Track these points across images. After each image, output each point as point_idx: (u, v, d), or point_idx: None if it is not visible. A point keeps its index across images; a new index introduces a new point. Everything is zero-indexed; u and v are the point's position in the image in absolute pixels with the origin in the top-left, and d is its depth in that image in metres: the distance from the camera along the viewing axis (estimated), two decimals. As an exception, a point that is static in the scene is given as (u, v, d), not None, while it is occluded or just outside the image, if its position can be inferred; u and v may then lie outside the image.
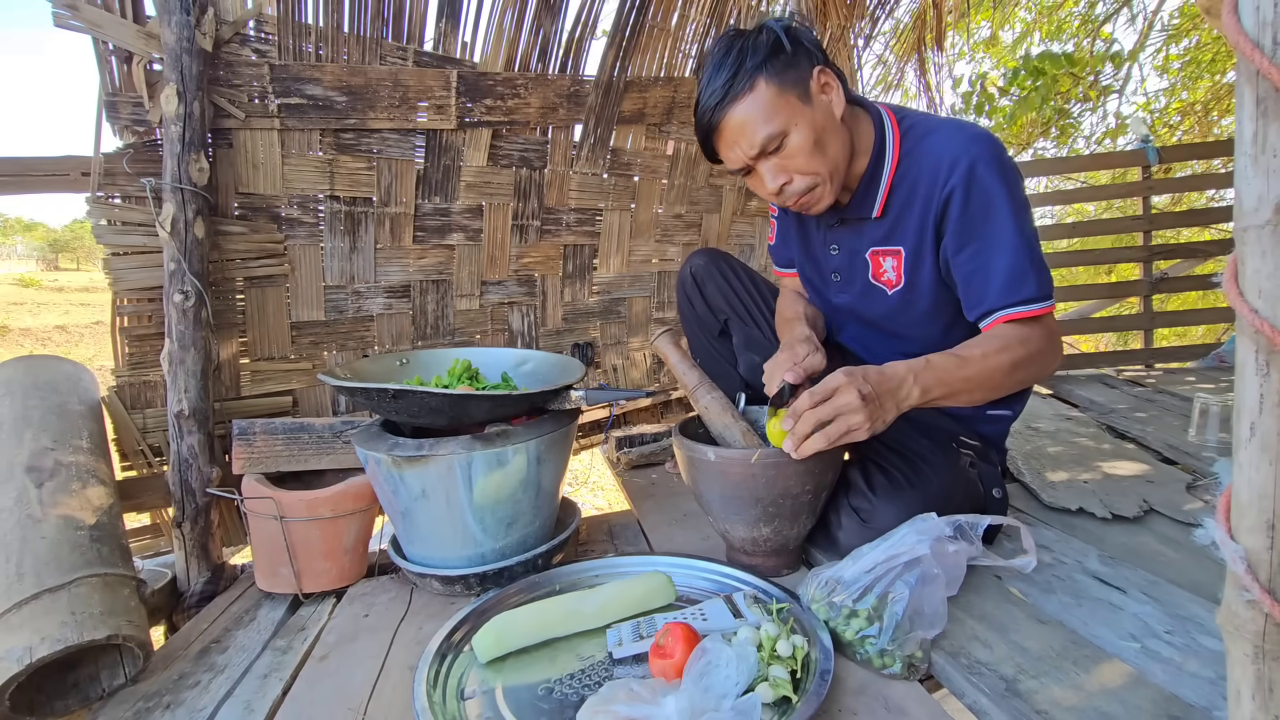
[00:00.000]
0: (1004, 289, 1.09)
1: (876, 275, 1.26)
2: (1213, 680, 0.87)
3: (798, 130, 1.08)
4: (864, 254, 1.26)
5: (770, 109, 1.07)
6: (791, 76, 1.08)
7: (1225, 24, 0.47)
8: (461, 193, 1.93)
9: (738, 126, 1.09)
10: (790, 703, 0.84)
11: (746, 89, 1.07)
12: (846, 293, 1.33)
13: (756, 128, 1.08)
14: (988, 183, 1.08)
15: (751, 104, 1.07)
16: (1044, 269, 1.10)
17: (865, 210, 1.21)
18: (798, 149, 1.09)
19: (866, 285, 1.28)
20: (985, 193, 1.08)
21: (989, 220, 1.09)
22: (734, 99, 1.08)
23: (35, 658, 0.93)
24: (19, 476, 1.17)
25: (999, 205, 1.08)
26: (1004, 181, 1.09)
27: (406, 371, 1.51)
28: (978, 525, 1.01)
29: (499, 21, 1.84)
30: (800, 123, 1.08)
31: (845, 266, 1.30)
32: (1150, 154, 2.86)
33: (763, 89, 1.07)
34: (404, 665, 1.05)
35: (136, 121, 1.47)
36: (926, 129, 1.16)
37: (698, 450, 1.15)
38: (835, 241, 1.30)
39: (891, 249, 1.22)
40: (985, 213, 1.09)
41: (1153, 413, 2.13)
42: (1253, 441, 0.49)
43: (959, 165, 1.09)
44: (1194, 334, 5.31)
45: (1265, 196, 0.46)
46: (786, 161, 1.11)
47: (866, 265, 1.27)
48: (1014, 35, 5.60)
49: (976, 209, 1.09)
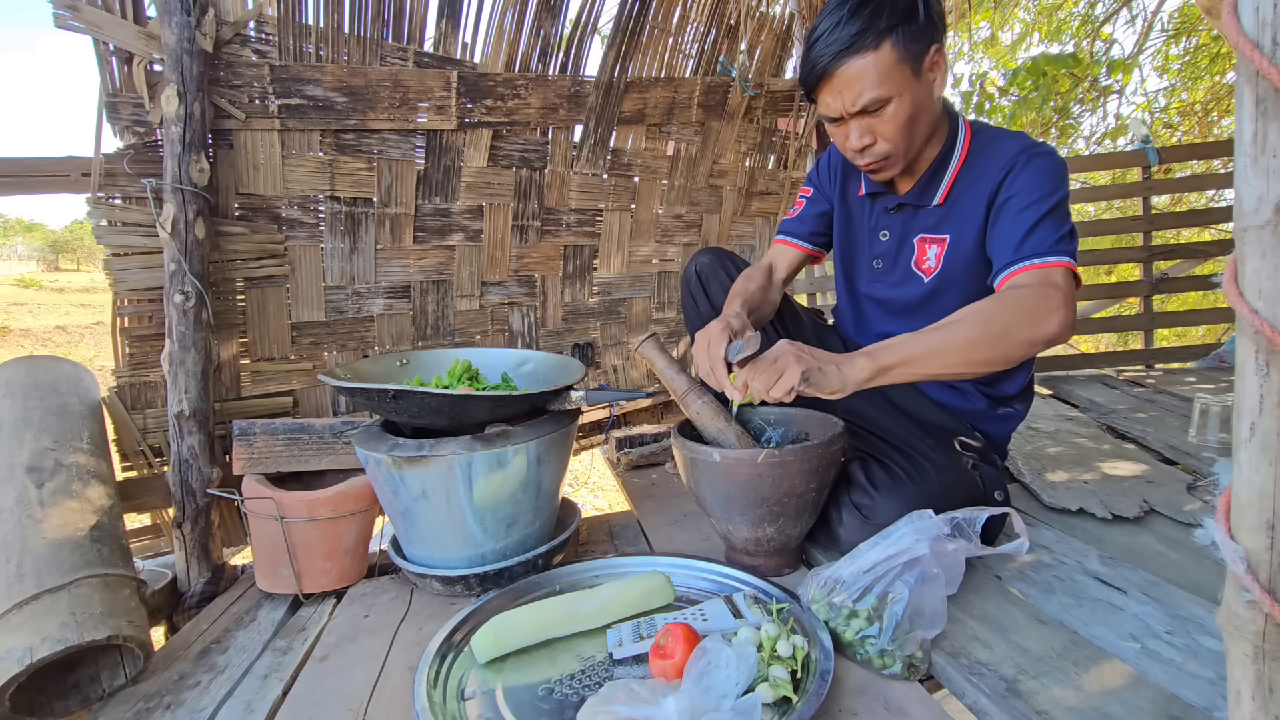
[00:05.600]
0: (1021, 245, 1.11)
1: (918, 262, 1.29)
2: (1213, 680, 0.86)
3: (900, 101, 1.10)
4: (912, 239, 1.29)
5: (885, 74, 1.08)
6: (914, 48, 1.09)
7: (1225, 24, 0.47)
8: (462, 193, 1.93)
9: (850, 80, 1.09)
10: (790, 703, 0.84)
11: (871, 46, 1.06)
12: (883, 282, 1.35)
13: (866, 88, 1.08)
14: (1041, 166, 1.13)
15: (871, 63, 1.07)
16: (1070, 242, 1.11)
17: (927, 198, 1.25)
18: (893, 118, 1.12)
19: (906, 272, 1.31)
20: (1038, 171, 1.13)
21: (1032, 191, 1.12)
22: (856, 52, 1.07)
23: (35, 658, 0.93)
24: (20, 477, 1.17)
25: (1045, 184, 1.12)
26: (1055, 172, 1.13)
27: (407, 372, 1.51)
28: (975, 520, 1.01)
29: (499, 22, 1.84)
30: (906, 94, 1.10)
31: (891, 253, 1.33)
32: (1150, 154, 2.87)
33: (886, 52, 1.07)
34: (404, 665, 1.05)
35: (137, 122, 1.48)
36: (995, 134, 1.22)
37: (701, 451, 1.15)
38: (887, 227, 1.33)
39: (939, 237, 1.26)
40: (1031, 184, 1.13)
41: (1153, 413, 2.13)
42: (1253, 441, 0.49)
43: (1021, 154, 1.15)
44: (1194, 334, 5.31)
45: (1265, 197, 0.46)
46: (879, 126, 1.13)
47: (912, 251, 1.30)
48: (1014, 36, 5.59)
49: (1026, 179, 1.13)
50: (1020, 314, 1.03)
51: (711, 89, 2.27)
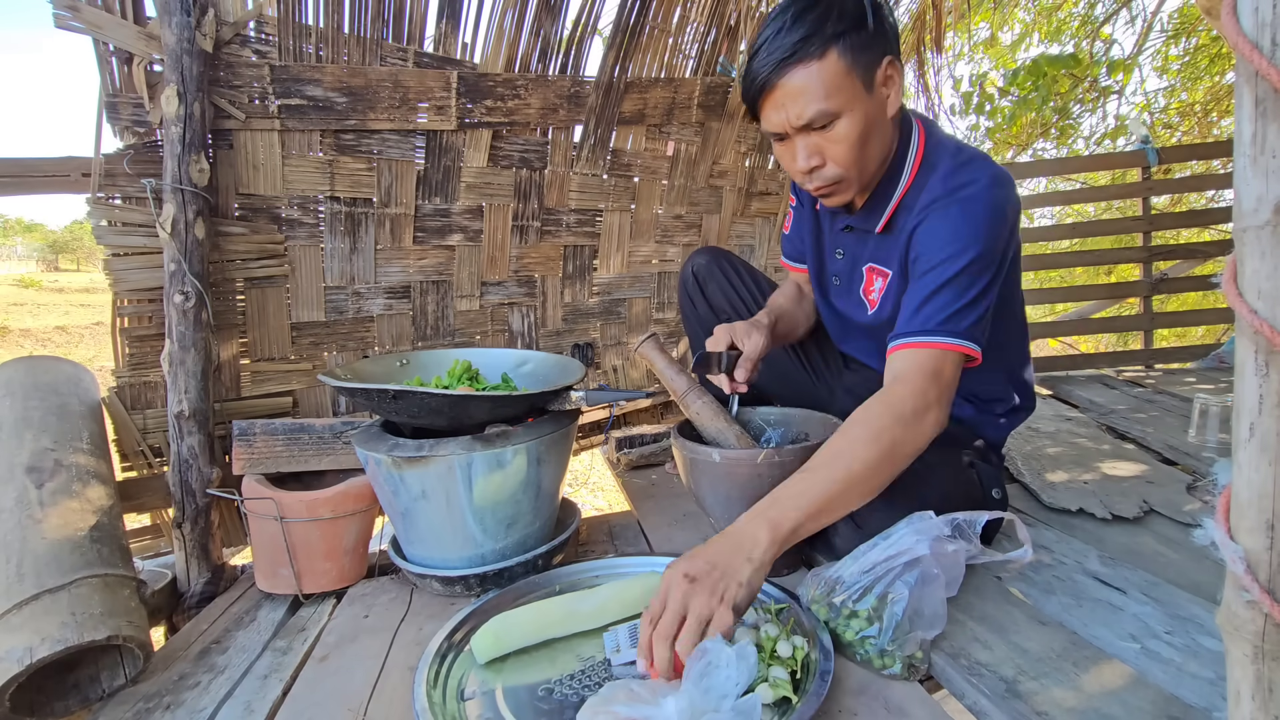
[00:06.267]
0: (914, 316, 1.02)
1: (866, 290, 1.24)
2: (1213, 680, 0.87)
3: (851, 117, 1.01)
4: (862, 266, 1.24)
5: (833, 85, 0.99)
6: (864, 59, 1.00)
7: (1224, 25, 0.47)
8: (462, 193, 1.93)
9: (794, 92, 1.00)
10: (790, 703, 0.84)
11: (816, 54, 0.98)
12: (843, 299, 1.32)
13: (812, 100, 1.00)
14: (954, 217, 1.02)
15: (816, 73, 0.98)
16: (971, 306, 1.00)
17: (870, 223, 1.18)
18: (842, 136, 1.03)
19: (858, 298, 1.27)
20: (949, 224, 1.03)
21: (941, 249, 1.02)
22: (800, 61, 0.98)
23: (35, 658, 0.93)
24: (19, 477, 1.17)
25: (956, 240, 1.01)
26: (972, 223, 1.02)
27: (406, 372, 1.51)
28: (975, 523, 1.01)
29: (499, 22, 1.84)
30: (856, 109, 1.01)
31: (845, 273, 1.29)
32: (1150, 155, 2.87)
33: (833, 61, 0.98)
34: (404, 666, 1.05)
35: (137, 122, 1.48)
36: (939, 157, 1.10)
37: (701, 452, 1.15)
38: (840, 246, 1.29)
39: (883, 270, 1.20)
40: (940, 241, 1.02)
41: (1152, 413, 2.13)
42: (1252, 442, 0.49)
43: (939, 200, 1.04)
44: (1194, 334, 5.31)
45: (1264, 197, 0.46)
46: (826, 145, 1.04)
47: (861, 279, 1.25)
48: (1013, 36, 5.60)
49: (938, 233, 1.03)
50: (899, 423, 0.95)
51: (711, 89, 2.27)
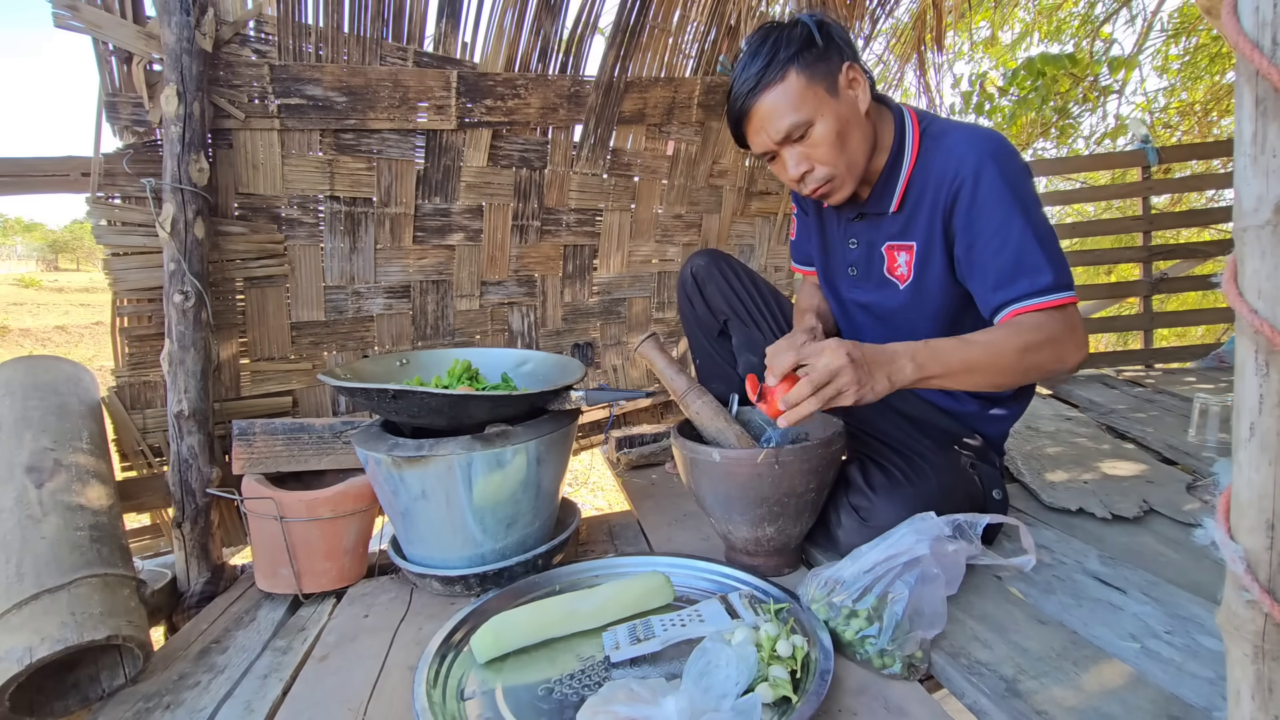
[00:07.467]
0: (1014, 281, 1.09)
1: (890, 269, 1.28)
2: (1213, 680, 0.87)
3: (823, 121, 1.13)
4: (880, 248, 1.29)
5: (798, 99, 1.12)
6: (821, 70, 1.12)
7: (1225, 24, 0.47)
8: (461, 193, 1.93)
9: (766, 114, 1.14)
10: (790, 703, 0.85)
11: (778, 79, 1.12)
12: (862, 288, 1.35)
13: (783, 115, 1.13)
14: (994, 178, 1.11)
15: (781, 93, 1.12)
16: (1059, 259, 1.10)
17: (883, 205, 1.25)
18: (821, 139, 1.14)
19: (881, 279, 1.30)
20: (992, 188, 1.11)
21: (995, 214, 1.10)
22: (765, 87, 1.12)
23: (35, 658, 0.93)
24: (19, 477, 1.17)
25: (1005, 199, 1.10)
26: (1010, 177, 1.11)
27: (406, 372, 1.51)
28: (977, 524, 1.01)
29: (499, 22, 1.84)
30: (826, 114, 1.13)
31: (863, 260, 1.33)
32: (1150, 154, 2.87)
33: (793, 79, 1.11)
34: (404, 665, 1.05)
35: (136, 122, 1.47)
36: (943, 129, 1.20)
37: (701, 451, 1.15)
38: (854, 235, 1.33)
39: (905, 244, 1.25)
40: (992, 207, 1.11)
41: (1152, 413, 2.13)
42: (1252, 441, 0.49)
43: (967, 162, 1.13)
44: (1194, 334, 5.31)
45: (1265, 197, 0.46)
46: (809, 150, 1.15)
47: (882, 259, 1.29)
48: (1013, 36, 5.60)
49: (983, 203, 1.11)
50: (1052, 352, 1.06)
51: (711, 89, 2.26)
